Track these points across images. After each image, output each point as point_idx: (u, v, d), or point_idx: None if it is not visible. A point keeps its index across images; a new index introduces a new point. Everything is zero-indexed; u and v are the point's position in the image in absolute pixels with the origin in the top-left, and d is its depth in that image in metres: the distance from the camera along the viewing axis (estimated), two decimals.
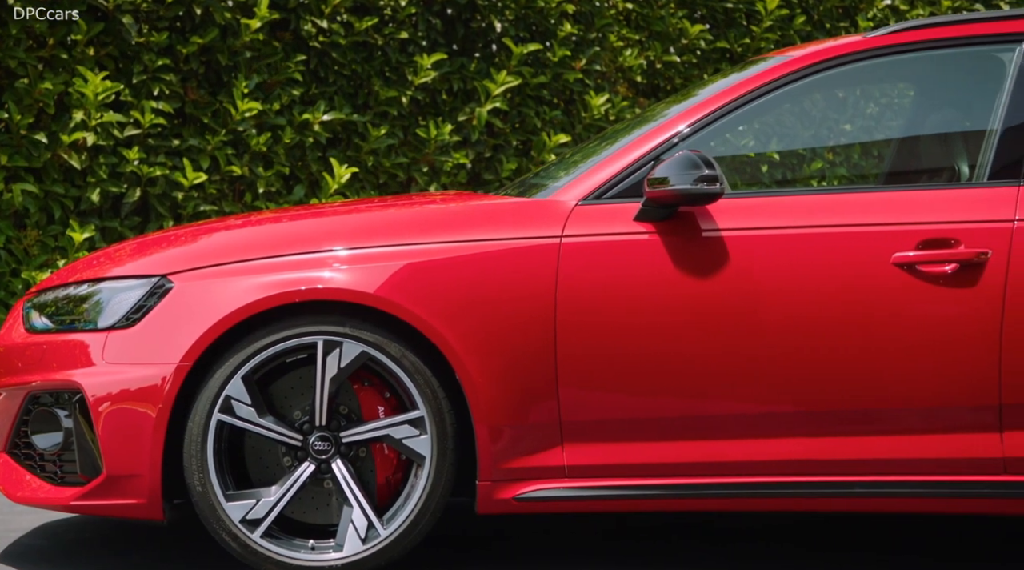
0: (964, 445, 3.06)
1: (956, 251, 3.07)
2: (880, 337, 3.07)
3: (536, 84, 5.96)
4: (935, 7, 6.83)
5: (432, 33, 5.82)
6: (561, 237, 3.14)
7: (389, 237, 3.14)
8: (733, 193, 3.27)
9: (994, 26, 3.23)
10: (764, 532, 3.66)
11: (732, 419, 3.11)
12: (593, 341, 3.10)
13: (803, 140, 6.88)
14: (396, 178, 5.74)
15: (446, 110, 5.86)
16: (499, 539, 3.57)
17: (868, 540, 3.58)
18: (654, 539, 3.58)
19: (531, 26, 6.05)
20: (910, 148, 3.90)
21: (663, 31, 6.37)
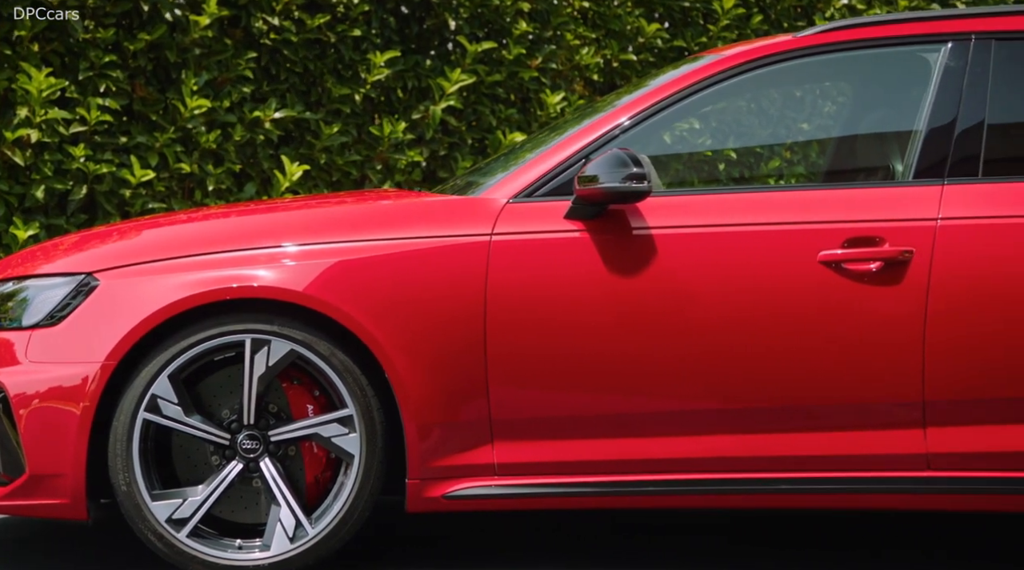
0: (888, 441, 3.08)
1: (881, 249, 3.08)
2: (807, 335, 3.08)
3: (491, 82, 5.95)
4: (891, 7, 6.86)
5: (386, 31, 5.81)
6: (491, 235, 3.13)
7: (319, 235, 3.13)
8: (663, 191, 3.28)
9: (920, 26, 3.25)
10: (728, 527, 3.67)
11: (661, 416, 3.12)
12: (523, 339, 3.10)
13: (761, 138, 6.90)
14: (349, 176, 5.72)
15: (400, 108, 5.85)
16: (443, 539, 3.57)
17: (815, 538, 3.59)
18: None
19: (486, 24, 6.05)
20: (844, 147, 3.92)
21: (620, 30, 6.37)
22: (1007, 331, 3.04)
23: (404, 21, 5.91)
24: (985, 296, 3.05)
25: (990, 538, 3.57)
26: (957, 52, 3.18)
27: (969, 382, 3.05)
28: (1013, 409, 3.05)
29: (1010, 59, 3.17)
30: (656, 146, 6.43)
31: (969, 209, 3.10)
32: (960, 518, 3.69)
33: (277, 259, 3.08)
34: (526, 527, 3.67)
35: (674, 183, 6.50)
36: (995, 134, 3.15)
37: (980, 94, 3.15)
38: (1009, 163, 3.20)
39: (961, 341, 3.05)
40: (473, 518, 3.71)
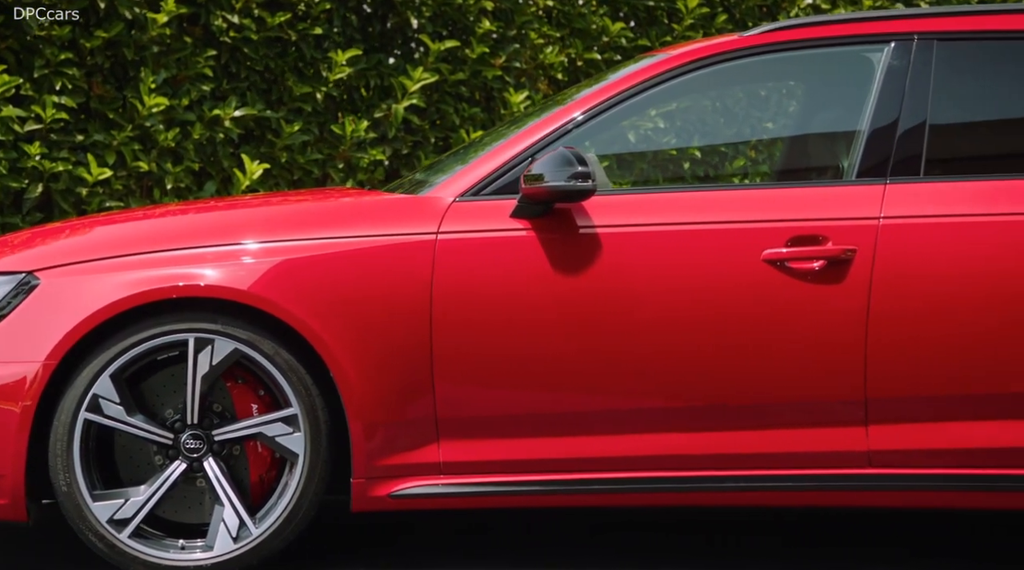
0: (831, 439, 3.10)
1: (824, 248, 3.10)
2: (751, 333, 3.10)
3: (455, 81, 5.95)
4: (856, 6, 6.89)
5: (348, 29, 5.80)
6: (437, 234, 3.14)
7: (264, 234, 3.13)
8: (609, 190, 3.29)
9: (864, 27, 3.27)
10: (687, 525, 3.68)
11: (606, 415, 3.12)
12: (469, 338, 3.10)
13: (725, 137, 6.92)
14: (311, 175, 5.71)
15: (363, 107, 5.84)
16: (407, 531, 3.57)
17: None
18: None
19: (450, 23, 6.05)
20: (793, 147, 3.94)
21: (584, 28, 6.38)
22: (947, 329, 3.07)
23: (366, 19, 5.90)
24: (926, 294, 3.07)
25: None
26: (900, 52, 3.20)
27: (910, 380, 3.07)
28: (953, 406, 3.08)
29: (952, 59, 3.19)
30: (621, 145, 6.46)
31: (911, 208, 3.12)
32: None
33: (222, 258, 3.07)
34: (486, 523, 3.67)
35: (639, 182, 6.51)
36: (937, 134, 3.17)
37: (922, 94, 3.17)
38: (950, 163, 3.22)
39: (902, 339, 3.07)
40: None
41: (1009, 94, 3.28)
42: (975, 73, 3.25)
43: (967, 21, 3.23)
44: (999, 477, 3.07)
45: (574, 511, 3.71)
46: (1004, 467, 3.07)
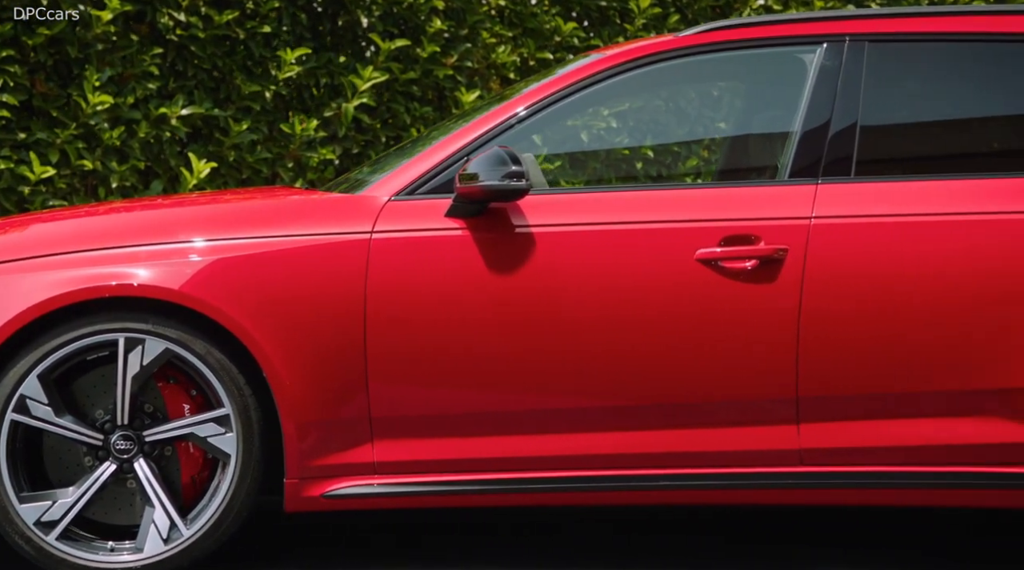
0: (763, 438, 3.12)
1: (756, 248, 3.12)
2: (684, 332, 3.11)
3: (406, 80, 5.93)
4: (807, 7, 6.94)
5: (298, 28, 5.77)
6: (372, 233, 3.13)
7: (197, 233, 3.11)
8: (544, 190, 3.30)
9: (797, 28, 3.29)
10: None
11: (541, 414, 3.13)
12: (403, 337, 3.10)
13: (678, 137, 6.95)
14: (260, 174, 5.68)
15: (313, 106, 5.82)
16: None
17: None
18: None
19: (401, 22, 6.03)
20: (731, 147, 3.96)
21: (536, 28, 6.39)
22: (877, 328, 3.09)
23: (316, 18, 5.88)
24: (856, 294, 3.10)
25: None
26: (832, 53, 3.22)
27: (840, 379, 3.10)
28: (883, 405, 3.10)
29: (883, 60, 3.22)
30: (573, 144, 6.47)
31: (841, 208, 3.14)
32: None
33: (155, 257, 3.05)
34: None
35: (592, 181, 6.53)
36: (868, 134, 3.20)
37: (853, 95, 3.19)
38: (881, 163, 3.25)
39: (833, 338, 3.10)
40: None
41: (939, 95, 3.32)
42: (906, 74, 3.28)
43: (898, 23, 3.26)
44: (929, 474, 3.10)
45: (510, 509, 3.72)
46: (934, 464, 3.10)
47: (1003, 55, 3.24)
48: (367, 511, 3.19)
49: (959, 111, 3.33)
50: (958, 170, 3.25)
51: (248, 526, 3.28)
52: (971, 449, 3.08)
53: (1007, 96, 3.30)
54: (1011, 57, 3.24)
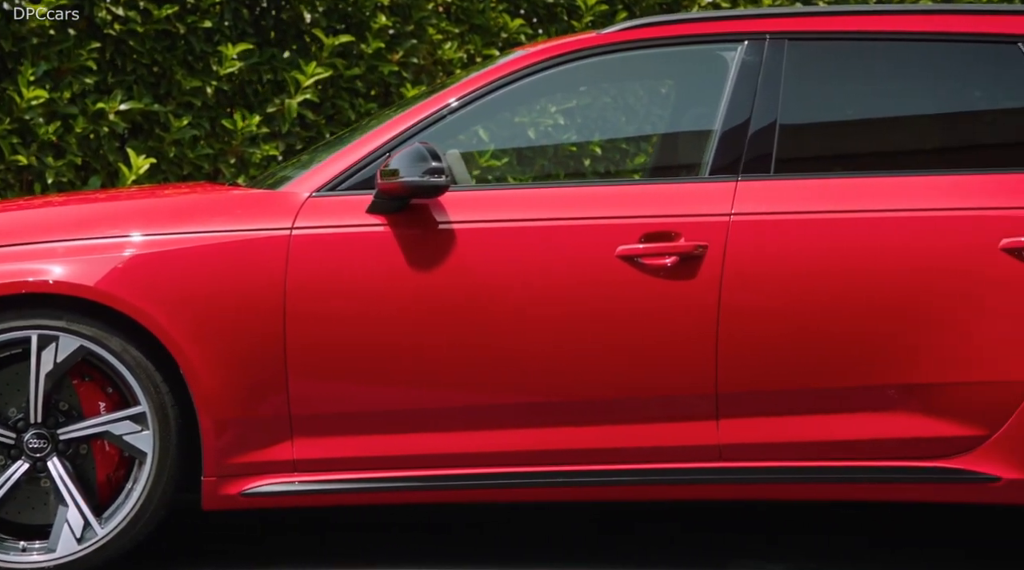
0: (683, 433, 3.13)
1: (676, 244, 3.12)
2: (605, 329, 3.12)
3: (350, 76, 5.91)
4: (756, 5, 6.96)
5: (240, 23, 5.73)
6: (292, 229, 3.11)
7: (113, 228, 3.08)
8: (467, 186, 3.29)
9: (718, 25, 3.30)
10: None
11: (461, 411, 3.13)
12: (323, 334, 3.09)
13: (626, 133, 6.96)
14: (201, 170, 5.64)
15: (256, 101, 5.78)
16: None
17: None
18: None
19: (345, 18, 6.00)
20: (661, 144, 3.97)
21: (483, 25, 6.38)
22: (795, 324, 3.11)
23: (259, 13, 5.84)
24: (774, 290, 3.12)
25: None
26: (752, 52, 3.23)
27: (759, 375, 3.11)
28: (801, 400, 3.12)
29: (802, 59, 3.24)
30: (521, 140, 6.46)
31: (760, 205, 3.16)
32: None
33: (71, 253, 3.02)
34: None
35: (540, 177, 6.52)
36: (787, 132, 3.21)
37: (773, 93, 3.21)
38: (800, 161, 3.26)
39: (751, 334, 3.11)
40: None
41: (858, 94, 3.34)
42: (825, 73, 3.30)
43: (817, 21, 3.28)
44: (845, 469, 3.12)
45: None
46: (850, 459, 3.12)
47: (921, 54, 3.27)
48: (293, 509, 3.18)
49: (878, 109, 3.35)
50: (876, 168, 3.28)
51: (169, 524, 3.26)
52: (885, 443, 3.10)
53: (925, 94, 3.32)
54: (929, 55, 3.27)
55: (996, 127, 3.31)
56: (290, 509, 3.33)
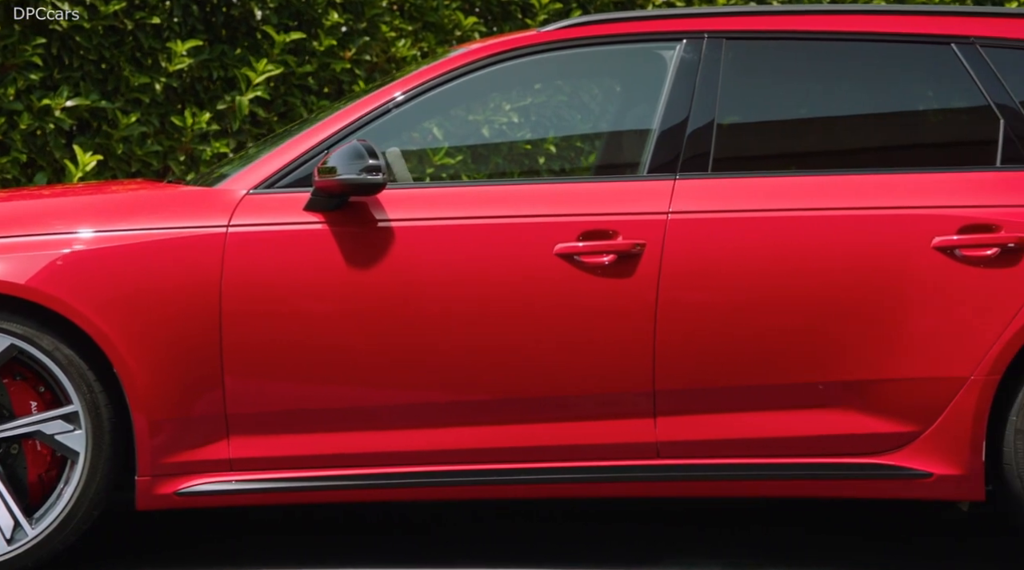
0: (621, 431, 3.13)
1: (614, 242, 3.13)
2: (543, 327, 3.12)
3: (302, 73, 5.88)
4: (711, 3, 6.99)
5: (190, 19, 5.69)
6: (228, 227, 3.10)
7: (45, 226, 3.05)
8: (406, 184, 3.29)
9: (656, 24, 3.31)
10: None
11: (399, 409, 3.12)
12: (260, 332, 3.07)
13: (581, 132, 6.96)
14: (150, 167, 5.59)
15: (206, 98, 5.74)
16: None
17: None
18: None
19: (297, 15, 5.97)
20: (605, 143, 3.98)
21: (437, 22, 6.36)
22: (732, 322, 3.12)
23: (211, 11, 5.80)
24: (711, 288, 3.13)
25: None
26: (690, 51, 3.25)
27: (696, 372, 3.13)
28: (737, 398, 3.14)
29: (740, 58, 3.25)
30: (475, 138, 6.46)
31: (698, 204, 3.17)
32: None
33: (2, 250, 2.99)
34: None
35: (494, 175, 6.52)
36: (725, 132, 3.23)
37: (711, 92, 3.22)
38: (738, 160, 3.28)
39: (689, 332, 3.12)
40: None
41: (796, 93, 3.37)
42: (763, 72, 3.32)
43: (755, 21, 3.29)
44: (783, 466, 3.14)
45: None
46: (787, 456, 3.14)
47: (857, 54, 3.29)
48: (234, 508, 3.16)
49: (814, 109, 3.38)
50: (812, 167, 3.30)
51: (104, 524, 3.23)
52: (821, 440, 3.12)
53: (863, 94, 3.35)
54: (867, 55, 3.30)
55: (930, 127, 3.34)
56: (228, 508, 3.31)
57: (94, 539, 3.27)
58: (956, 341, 3.07)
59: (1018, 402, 3.06)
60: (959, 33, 3.22)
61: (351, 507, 3.69)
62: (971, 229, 3.09)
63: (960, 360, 3.07)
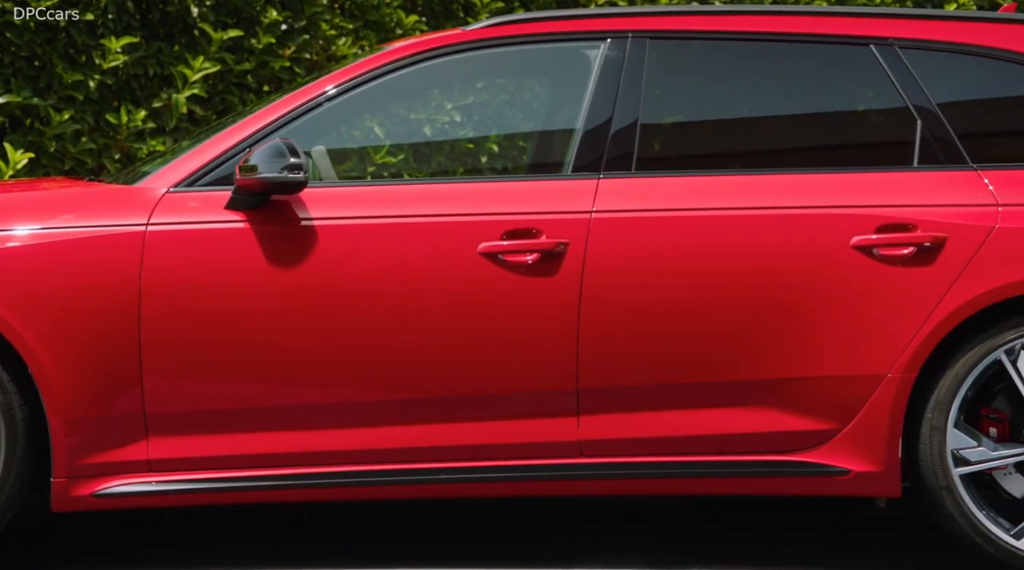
0: (545, 430, 3.14)
1: (537, 241, 3.13)
2: (467, 326, 3.12)
3: (240, 71, 5.83)
4: (654, 3, 7.02)
5: (125, 16, 5.62)
6: (147, 225, 3.07)
7: None
8: (330, 182, 3.27)
9: (581, 24, 3.32)
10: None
11: (321, 409, 3.10)
12: (179, 331, 3.04)
13: (524, 130, 6.97)
14: (84, 165, 5.53)
15: (142, 95, 5.68)
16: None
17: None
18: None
19: (234, 12, 5.93)
20: (535, 142, 3.99)
21: (378, 20, 6.34)
22: (654, 322, 3.14)
23: (147, 7, 5.74)
24: (634, 287, 3.14)
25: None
26: (614, 50, 3.26)
27: (619, 371, 3.14)
28: (660, 396, 3.15)
29: (663, 58, 3.27)
30: (417, 137, 6.44)
31: (621, 203, 3.18)
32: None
33: None
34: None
35: (437, 173, 6.51)
36: (648, 131, 3.24)
37: (635, 92, 3.23)
38: (661, 159, 3.30)
39: (612, 331, 3.13)
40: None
41: (719, 93, 3.39)
42: (687, 72, 3.34)
43: (679, 21, 3.31)
44: (705, 463, 3.16)
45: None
46: (709, 454, 3.16)
47: (779, 54, 3.32)
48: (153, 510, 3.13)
49: (737, 109, 3.40)
50: (734, 166, 3.32)
51: (17, 527, 3.18)
52: (743, 438, 3.15)
53: (785, 94, 3.38)
54: (789, 56, 3.32)
55: (850, 127, 3.38)
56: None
57: (12, 539, 3.22)
58: (874, 339, 3.11)
59: (933, 399, 3.11)
60: (878, 35, 3.26)
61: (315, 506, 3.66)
62: (888, 228, 3.13)
63: (878, 358, 3.10)
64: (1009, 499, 3.17)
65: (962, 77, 3.25)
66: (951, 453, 3.09)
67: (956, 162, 3.19)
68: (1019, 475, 3.16)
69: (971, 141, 3.20)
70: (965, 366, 3.09)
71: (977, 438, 3.12)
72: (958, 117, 3.20)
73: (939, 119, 3.20)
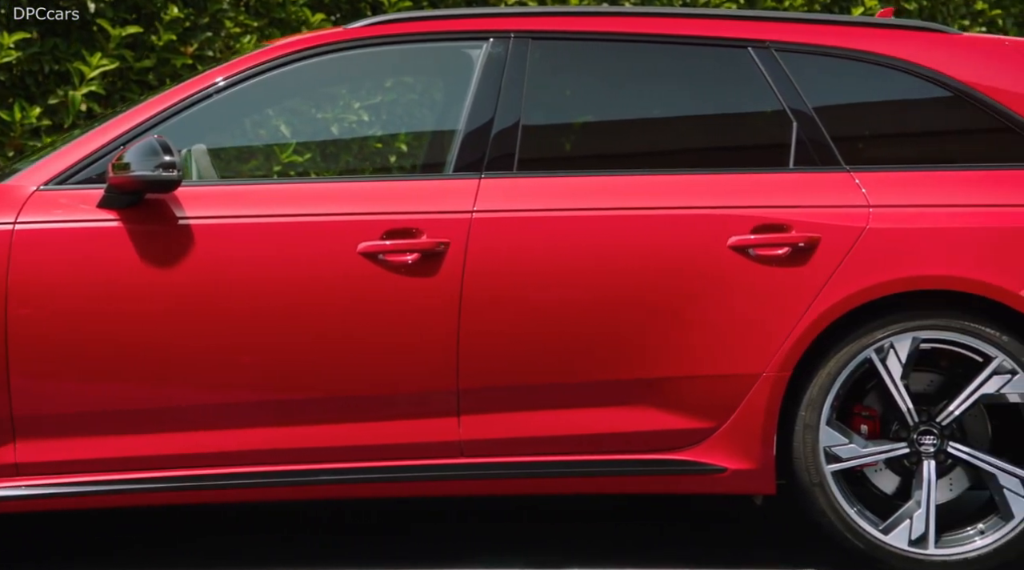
0: (425, 430, 3.13)
1: (417, 241, 3.12)
2: (346, 326, 3.10)
3: (140, 68, 5.74)
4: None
5: (19, 10, 5.50)
6: (14, 224, 3.00)
7: None
8: (205, 182, 3.23)
9: (463, 23, 3.32)
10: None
11: (198, 410, 3.06)
12: (49, 332, 2.98)
13: (431, 130, 6.94)
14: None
15: (38, 92, 5.56)
16: None
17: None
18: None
19: (135, 8, 5.83)
20: (424, 141, 3.98)
21: (283, 19, 6.28)
22: (534, 321, 3.15)
23: (41, 3, 5.62)
24: (515, 287, 3.15)
25: None
26: (497, 50, 3.26)
27: (500, 371, 3.14)
28: (540, 396, 3.16)
29: (545, 59, 3.28)
30: (324, 136, 6.39)
31: (502, 203, 3.18)
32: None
33: None
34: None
35: (345, 173, 6.47)
36: (530, 132, 3.25)
37: (517, 92, 3.24)
38: (542, 160, 3.31)
39: (492, 331, 3.14)
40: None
41: (600, 94, 3.41)
42: (568, 73, 3.35)
43: (561, 21, 3.32)
44: (585, 462, 3.17)
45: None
46: (590, 453, 3.18)
47: (662, 55, 3.35)
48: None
49: (618, 110, 3.43)
50: (615, 167, 3.35)
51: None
52: (623, 437, 3.17)
53: (664, 96, 3.41)
54: (669, 57, 3.35)
55: (728, 128, 3.42)
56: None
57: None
58: (750, 338, 3.15)
59: (807, 398, 3.16)
60: (755, 37, 3.31)
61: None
62: (764, 229, 3.17)
63: (753, 357, 3.14)
64: (879, 495, 3.24)
65: (837, 80, 3.31)
66: (823, 450, 3.14)
67: (830, 164, 3.25)
68: (889, 471, 3.22)
69: (845, 143, 3.26)
70: (837, 365, 3.14)
71: (848, 435, 3.18)
72: (832, 119, 3.26)
73: (814, 121, 3.25)
